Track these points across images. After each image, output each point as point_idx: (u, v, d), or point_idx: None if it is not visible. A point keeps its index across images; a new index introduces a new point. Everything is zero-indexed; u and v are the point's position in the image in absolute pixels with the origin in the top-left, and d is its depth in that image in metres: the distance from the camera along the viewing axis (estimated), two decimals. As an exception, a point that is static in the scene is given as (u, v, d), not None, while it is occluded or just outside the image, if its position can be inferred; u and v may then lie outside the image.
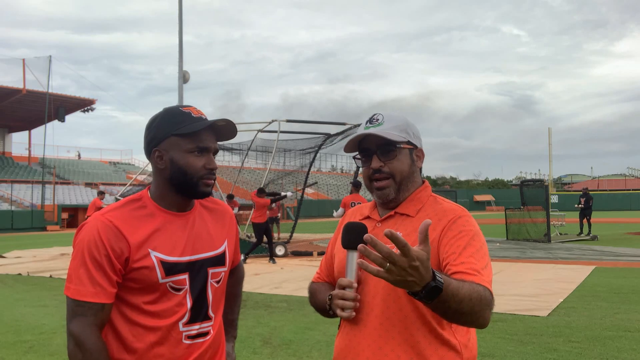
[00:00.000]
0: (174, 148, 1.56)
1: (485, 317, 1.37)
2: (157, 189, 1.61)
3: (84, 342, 1.44)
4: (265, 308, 7.11)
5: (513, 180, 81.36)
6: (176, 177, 1.56)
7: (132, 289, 1.52)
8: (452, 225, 1.49)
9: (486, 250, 1.49)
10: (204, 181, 1.58)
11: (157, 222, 1.56)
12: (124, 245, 1.49)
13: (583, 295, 7.74)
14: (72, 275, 1.49)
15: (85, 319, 1.46)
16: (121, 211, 1.55)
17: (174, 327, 1.53)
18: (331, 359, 1.54)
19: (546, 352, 4.90)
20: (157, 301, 1.52)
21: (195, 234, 1.61)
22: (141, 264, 1.50)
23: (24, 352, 5.18)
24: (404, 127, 1.59)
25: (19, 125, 47.24)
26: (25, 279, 10.48)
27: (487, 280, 1.41)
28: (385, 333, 1.48)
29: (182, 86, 18.71)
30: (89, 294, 1.46)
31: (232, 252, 1.76)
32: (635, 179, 75.65)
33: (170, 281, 1.53)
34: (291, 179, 20.93)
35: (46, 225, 32.40)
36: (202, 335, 1.59)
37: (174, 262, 1.54)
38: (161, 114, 1.60)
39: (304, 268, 11.55)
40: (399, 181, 1.57)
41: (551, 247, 15.58)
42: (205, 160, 1.57)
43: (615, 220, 32.70)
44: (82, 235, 1.51)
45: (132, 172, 46.33)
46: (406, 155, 1.59)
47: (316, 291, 1.71)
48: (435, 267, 1.46)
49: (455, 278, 1.35)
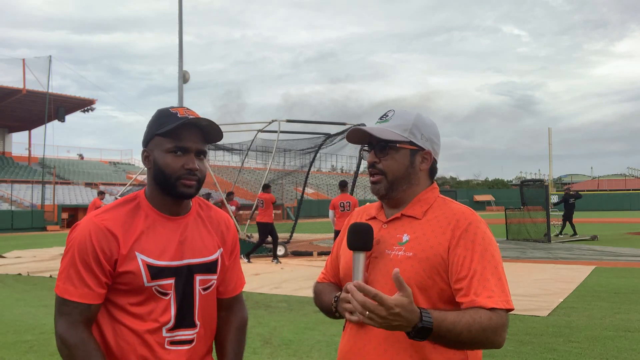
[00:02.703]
0: (157, 148, 1.56)
1: (495, 341, 1.39)
2: (148, 189, 1.61)
3: (68, 338, 1.46)
4: (265, 308, 7.11)
5: (513, 180, 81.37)
6: (158, 177, 1.56)
7: (119, 290, 1.52)
8: (463, 234, 1.46)
9: (498, 260, 1.47)
10: (182, 181, 1.54)
11: (149, 224, 1.55)
12: (114, 247, 1.49)
13: (583, 295, 7.74)
14: (62, 274, 1.50)
15: (70, 317, 1.47)
16: (116, 212, 1.55)
17: (157, 332, 1.52)
18: (331, 359, 1.54)
19: (546, 352, 4.90)
20: (142, 303, 1.52)
21: (187, 238, 1.59)
22: (128, 267, 1.49)
23: (24, 352, 5.18)
24: (408, 127, 1.57)
25: (19, 125, 47.23)
26: (25, 279, 10.48)
27: (500, 300, 1.40)
28: (391, 336, 1.47)
29: (182, 86, 18.70)
30: (76, 294, 1.47)
31: (228, 265, 1.71)
32: (635, 179, 75.63)
33: (157, 285, 1.52)
34: (291, 179, 20.95)
35: (46, 225, 32.39)
36: (186, 342, 1.56)
37: (160, 267, 1.52)
38: (153, 115, 1.61)
39: (304, 268, 11.55)
40: (390, 180, 1.57)
41: (551, 247, 15.58)
42: (185, 160, 1.54)
43: (615, 220, 32.69)
44: (74, 235, 1.52)
45: (132, 172, 46.33)
46: (404, 155, 1.57)
47: (321, 292, 1.71)
48: (444, 273, 1.46)
49: (462, 303, 1.40)
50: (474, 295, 1.41)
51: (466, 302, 1.42)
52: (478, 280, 1.42)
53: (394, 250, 1.51)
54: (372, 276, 1.53)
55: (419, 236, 1.50)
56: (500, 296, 1.41)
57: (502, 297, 1.41)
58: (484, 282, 1.41)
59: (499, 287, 1.42)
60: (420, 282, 1.46)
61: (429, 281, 1.46)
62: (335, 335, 5.51)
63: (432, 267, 1.46)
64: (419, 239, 1.49)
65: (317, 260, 13.16)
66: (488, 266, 1.43)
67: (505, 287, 1.44)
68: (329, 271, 1.78)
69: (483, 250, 1.45)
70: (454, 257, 1.45)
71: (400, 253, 1.50)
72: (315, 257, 13.67)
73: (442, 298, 1.47)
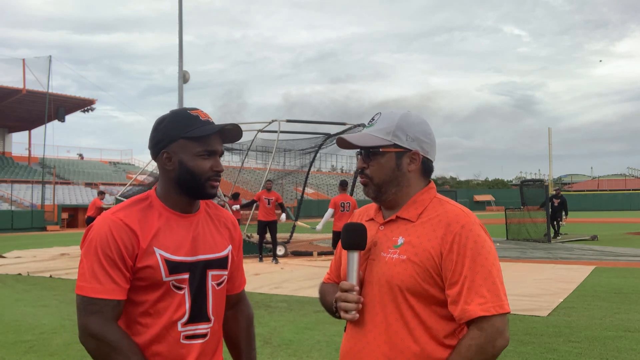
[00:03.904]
0: (183, 151, 1.59)
1: (496, 351, 1.40)
2: (163, 189, 1.64)
3: (107, 335, 1.47)
4: (265, 308, 7.11)
5: (513, 180, 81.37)
6: (184, 178, 1.59)
7: (137, 286, 1.54)
8: (456, 238, 1.45)
9: (492, 263, 1.45)
10: (211, 183, 1.61)
11: (163, 221, 1.59)
12: (135, 242, 1.52)
13: (583, 295, 7.74)
14: (86, 274, 1.50)
15: (102, 315, 1.48)
16: (130, 210, 1.58)
17: (172, 326, 1.55)
18: (331, 359, 1.55)
19: (546, 352, 4.90)
20: (159, 299, 1.54)
21: (199, 235, 1.63)
22: (147, 262, 1.52)
23: (24, 352, 5.18)
24: (391, 130, 1.55)
25: (19, 125, 47.24)
26: (25, 279, 10.48)
27: (493, 305, 1.40)
28: (392, 338, 1.47)
29: (182, 86, 18.71)
30: (106, 291, 1.48)
31: (236, 262, 1.76)
32: (635, 179, 75.67)
33: (174, 279, 1.55)
34: (291, 179, 20.96)
35: (46, 225, 32.39)
36: (200, 336, 1.60)
37: (177, 261, 1.56)
38: (169, 117, 1.63)
39: (304, 268, 11.55)
40: (376, 184, 1.57)
41: (551, 247, 15.59)
42: (213, 162, 1.61)
43: (615, 220, 32.70)
44: (93, 234, 1.53)
45: (132, 172, 46.33)
46: (390, 159, 1.56)
47: (325, 292, 1.72)
48: (437, 277, 1.46)
49: (455, 315, 1.43)
50: (464, 303, 1.41)
51: (458, 313, 1.42)
52: (468, 288, 1.41)
53: (389, 252, 1.52)
54: (369, 278, 1.54)
55: (412, 239, 1.50)
56: (493, 301, 1.40)
57: (495, 301, 1.40)
58: (476, 288, 1.41)
59: (492, 292, 1.41)
60: (413, 286, 1.46)
61: (422, 285, 1.45)
62: (335, 335, 5.51)
63: (425, 270, 1.45)
64: (413, 242, 1.49)
65: (317, 260, 13.16)
66: (481, 271, 1.42)
67: (500, 291, 1.43)
68: (333, 272, 1.79)
69: (475, 254, 1.43)
70: (446, 263, 1.44)
71: (395, 256, 1.50)
72: (315, 257, 13.67)
73: (434, 302, 1.47)
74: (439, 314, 1.47)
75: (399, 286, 1.47)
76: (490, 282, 1.42)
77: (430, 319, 1.46)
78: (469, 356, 1.39)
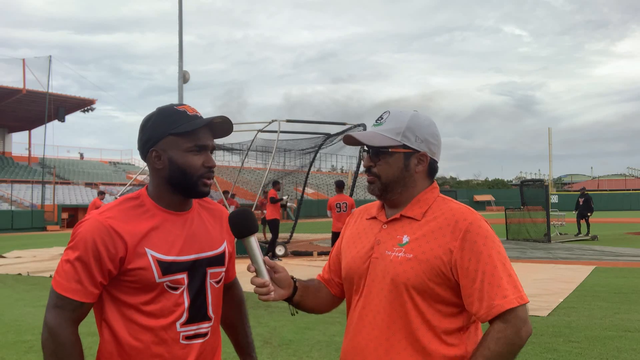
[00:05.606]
0: (173, 147, 1.55)
1: (522, 341, 1.41)
2: (154, 188, 1.60)
3: (59, 334, 1.46)
4: (265, 308, 7.11)
5: (513, 180, 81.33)
6: (175, 176, 1.56)
7: (129, 288, 1.51)
8: (466, 236, 1.45)
9: (504, 256, 1.47)
10: (203, 180, 1.57)
11: (155, 221, 1.56)
12: (120, 245, 1.49)
13: (583, 295, 7.74)
14: (60, 269, 1.51)
15: (63, 311, 1.47)
16: (119, 209, 1.55)
17: (171, 327, 1.53)
18: (331, 359, 1.54)
19: (546, 352, 4.90)
20: (154, 300, 1.52)
21: (194, 233, 1.60)
22: (138, 263, 1.49)
23: (24, 352, 5.18)
24: (401, 130, 1.55)
25: (19, 125, 47.25)
26: (25, 279, 10.48)
27: (515, 297, 1.41)
28: (392, 336, 1.47)
29: (182, 86, 18.69)
30: (70, 290, 1.48)
31: (230, 256, 1.74)
32: (635, 179, 75.65)
33: (168, 280, 1.52)
34: (291, 179, 20.94)
35: (46, 225, 32.39)
36: (200, 336, 1.58)
37: (170, 262, 1.53)
38: (155, 114, 1.59)
39: (304, 268, 11.55)
40: (384, 182, 1.57)
41: (551, 247, 15.59)
42: (204, 158, 1.57)
43: (615, 220, 32.69)
44: (77, 232, 1.52)
45: (132, 172, 46.32)
46: (398, 159, 1.56)
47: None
48: (443, 275, 1.45)
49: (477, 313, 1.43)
50: (489, 299, 1.41)
51: (484, 310, 1.41)
52: (489, 283, 1.42)
53: (394, 251, 1.51)
54: (373, 276, 1.53)
55: (419, 237, 1.50)
56: (514, 293, 1.42)
57: (515, 293, 1.42)
58: (497, 281, 1.42)
59: (511, 284, 1.43)
60: (419, 284, 1.45)
61: (429, 283, 1.45)
62: (335, 335, 5.51)
63: (432, 269, 1.45)
64: (419, 240, 1.49)
65: (317, 260, 13.15)
66: (498, 265, 1.43)
67: (517, 282, 1.45)
68: (325, 270, 1.81)
69: (488, 249, 1.44)
70: (459, 261, 1.44)
71: (400, 254, 1.49)
72: (315, 257, 13.67)
73: (439, 300, 1.47)
74: (443, 312, 1.47)
75: (405, 284, 1.46)
76: (507, 275, 1.43)
77: (434, 317, 1.46)
78: (498, 350, 1.39)
